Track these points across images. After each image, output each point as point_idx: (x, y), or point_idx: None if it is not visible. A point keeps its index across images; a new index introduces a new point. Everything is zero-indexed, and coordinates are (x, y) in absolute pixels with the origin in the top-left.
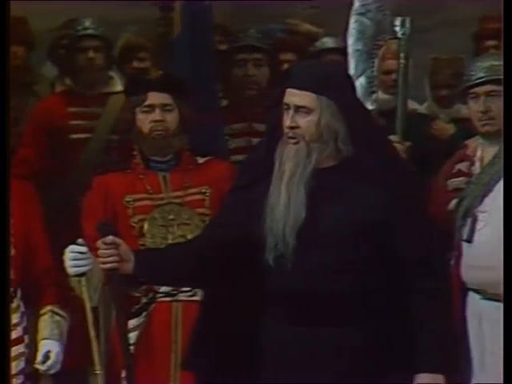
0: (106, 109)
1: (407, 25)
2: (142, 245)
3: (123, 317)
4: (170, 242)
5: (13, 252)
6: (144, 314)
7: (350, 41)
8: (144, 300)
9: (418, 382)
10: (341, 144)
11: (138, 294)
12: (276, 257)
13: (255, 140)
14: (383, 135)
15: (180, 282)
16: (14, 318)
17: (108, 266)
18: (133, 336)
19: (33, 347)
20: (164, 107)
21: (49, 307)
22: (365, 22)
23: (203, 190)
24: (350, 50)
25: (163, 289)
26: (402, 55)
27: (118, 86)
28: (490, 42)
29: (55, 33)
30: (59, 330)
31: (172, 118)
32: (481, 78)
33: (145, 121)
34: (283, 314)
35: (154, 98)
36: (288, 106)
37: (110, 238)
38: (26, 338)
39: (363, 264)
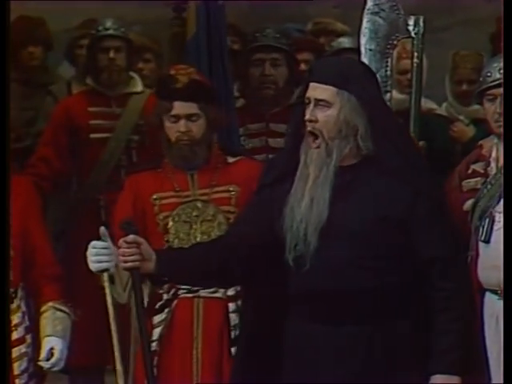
0: (126, 109)
1: (421, 24)
2: (167, 241)
3: (143, 314)
4: (192, 237)
5: (11, 253)
6: (166, 310)
7: (363, 40)
8: (166, 296)
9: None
10: (360, 140)
11: (160, 291)
12: (296, 257)
13: (272, 140)
14: (405, 133)
15: (202, 282)
16: (15, 319)
17: (129, 264)
18: (156, 332)
19: (36, 346)
20: (190, 117)
21: (50, 303)
22: (378, 21)
23: (230, 189)
24: (363, 49)
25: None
26: (415, 54)
27: (139, 87)
28: None
29: (73, 33)
30: (62, 326)
31: (198, 128)
32: (497, 79)
33: (171, 129)
34: (302, 313)
35: (180, 108)
36: (309, 100)
37: (132, 236)
38: (28, 338)
39: (381, 263)
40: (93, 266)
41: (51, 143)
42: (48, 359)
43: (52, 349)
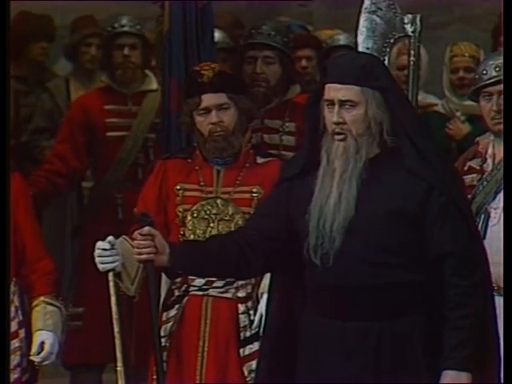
0: (142, 107)
1: (417, 22)
2: (182, 234)
3: (157, 308)
4: (208, 235)
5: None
6: (177, 306)
7: (360, 39)
8: (177, 293)
9: (443, 380)
10: (386, 135)
11: (172, 287)
12: (322, 254)
13: (267, 136)
14: (423, 126)
15: (218, 273)
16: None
17: (144, 257)
18: (166, 328)
19: (29, 341)
20: (220, 107)
21: (41, 298)
22: (375, 20)
23: (254, 190)
24: (360, 48)
25: (196, 282)
26: (412, 53)
27: (154, 84)
28: None
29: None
30: (53, 320)
31: (229, 117)
32: (494, 77)
33: (203, 123)
34: (313, 308)
35: (208, 100)
36: (332, 102)
37: (147, 228)
38: (21, 333)
39: (393, 258)
40: (98, 267)
41: (67, 141)
42: (39, 353)
43: (43, 343)
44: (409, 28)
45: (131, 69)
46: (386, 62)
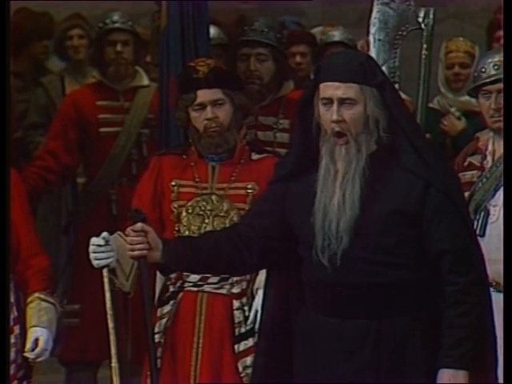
0: (134, 103)
1: (431, 16)
2: (177, 230)
3: (150, 304)
4: (202, 232)
5: None
6: (172, 302)
7: (373, 30)
8: (172, 288)
9: (440, 379)
10: (382, 131)
11: (167, 283)
12: (330, 255)
13: (261, 133)
14: (416, 123)
15: (211, 270)
16: None
17: (136, 253)
18: (161, 324)
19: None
20: (215, 103)
21: (36, 294)
22: (388, 11)
23: (249, 186)
24: (372, 39)
25: (191, 278)
26: (424, 46)
27: (145, 80)
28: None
29: (61, 26)
30: (47, 316)
31: (225, 113)
32: (493, 76)
33: (198, 119)
34: (312, 305)
35: (204, 95)
36: (330, 101)
37: (139, 225)
38: (16, 329)
39: (392, 257)
40: (93, 263)
41: (59, 136)
42: (33, 350)
43: (37, 339)
44: (422, 21)
45: (124, 65)
46: (398, 55)
